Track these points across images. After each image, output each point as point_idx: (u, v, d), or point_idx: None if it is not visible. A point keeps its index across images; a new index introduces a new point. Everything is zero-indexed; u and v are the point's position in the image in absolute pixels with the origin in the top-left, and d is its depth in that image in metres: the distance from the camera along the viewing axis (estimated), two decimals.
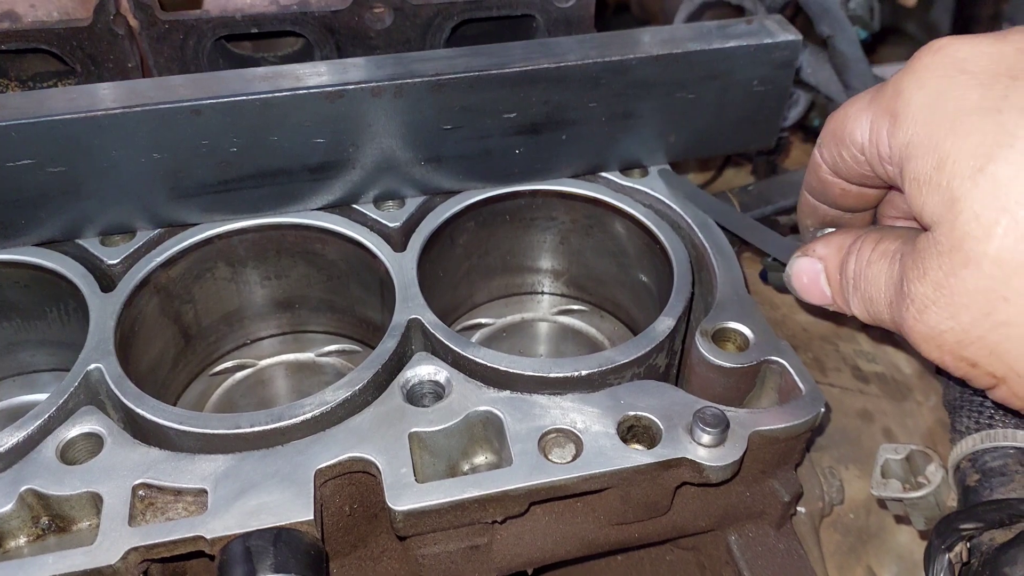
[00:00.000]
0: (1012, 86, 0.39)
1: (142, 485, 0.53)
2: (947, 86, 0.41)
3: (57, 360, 0.73)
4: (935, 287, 0.40)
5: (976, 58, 0.42)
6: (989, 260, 0.37)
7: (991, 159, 0.38)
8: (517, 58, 0.66)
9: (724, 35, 0.69)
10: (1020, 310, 0.37)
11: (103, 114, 0.60)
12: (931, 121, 0.41)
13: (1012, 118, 0.38)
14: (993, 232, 0.37)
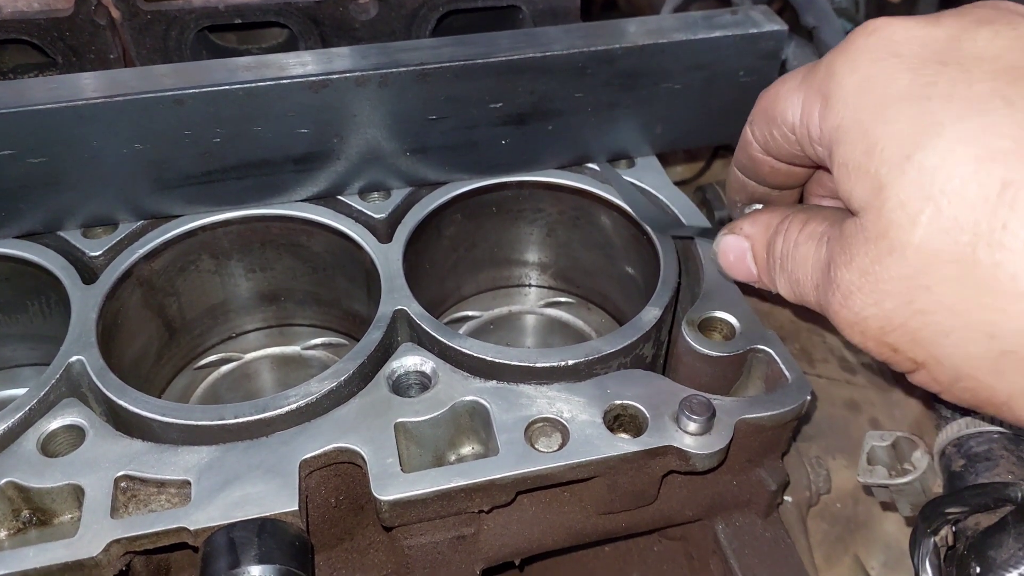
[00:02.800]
0: (941, 72, 0.39)
1: (124, 477, 0.52)
2: (878, 70, 0.41)
3: (39, 355, 0.72)
4: (861, 273, 0.40)
5: (909, 42, 0.41)
6: (913, 249, 0.37)
7: (918, 147, 0.37)
8: (503, 48, 0.66)
9: (709, 25, 0.69)
10: (940, 299, 0.37)
11: (84, 104, 0.59)
12: (861, 106, 0.41)
13: (939, 105, 0.38)
14: (918, 221, 0.37)
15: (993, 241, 0.35)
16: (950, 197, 0.36)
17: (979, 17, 0.41)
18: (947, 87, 0.38)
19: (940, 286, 0.37)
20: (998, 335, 0.36)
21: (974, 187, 0.36)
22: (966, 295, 0.36)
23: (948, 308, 0.37)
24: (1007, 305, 0.35)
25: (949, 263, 0.36)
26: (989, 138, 0.36)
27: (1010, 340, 0.36)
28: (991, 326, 0.36)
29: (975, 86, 0.38)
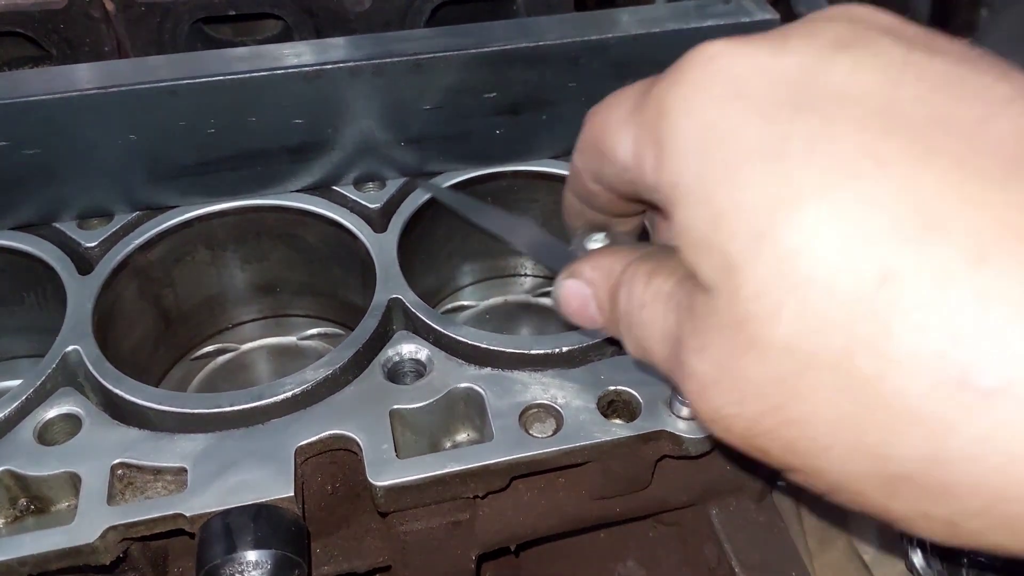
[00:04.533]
0: (796, 120, 0.31)
1: (121, 464, 0.52)
2: (719, 116, 0.33)
3: (35, 346, 0.72)
4: (717, 367, 0.33)
5: (755, 77, 0.33)
6: (777, 349, 0.30)
7: (774, 223, 0.30)
8: (496, 38, 0.66)
9: (702, 14, 0.69)
10: (815, 410, 0.30)
11: (78, 95, 0.60)
12: (702, 164, 0.33)
13: (797, 168, 0.30)
14: (780, 316, 0.30)
15: (874, 349, 0.28)
16: (817, 290, 0.29)
17: (834, 39, 0.33)
18: (806, 142, 0.30)
19: (815, 395, 0.30)
20: (890, 457, 0.29)
21: (847, 278, 0.28)
22: (848, 409, 0.29)
23: (826, 421, 0.30)
24: (898, 427, 0.28)
25: (823, 370, 0.29)
26: (862, 213, 0.29)
27: (906, 465, 0.29)
28: (881, 447, 0.29)
29: (839, 141, 0.30)
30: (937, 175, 0.28)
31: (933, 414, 0.28)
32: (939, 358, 0.27)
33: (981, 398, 0.27)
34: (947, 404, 0.27)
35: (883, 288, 0.28)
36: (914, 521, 0.30)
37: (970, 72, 0.31)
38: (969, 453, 0.27)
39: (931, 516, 0.30)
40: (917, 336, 0.27)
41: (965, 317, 0.27)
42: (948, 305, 0.27)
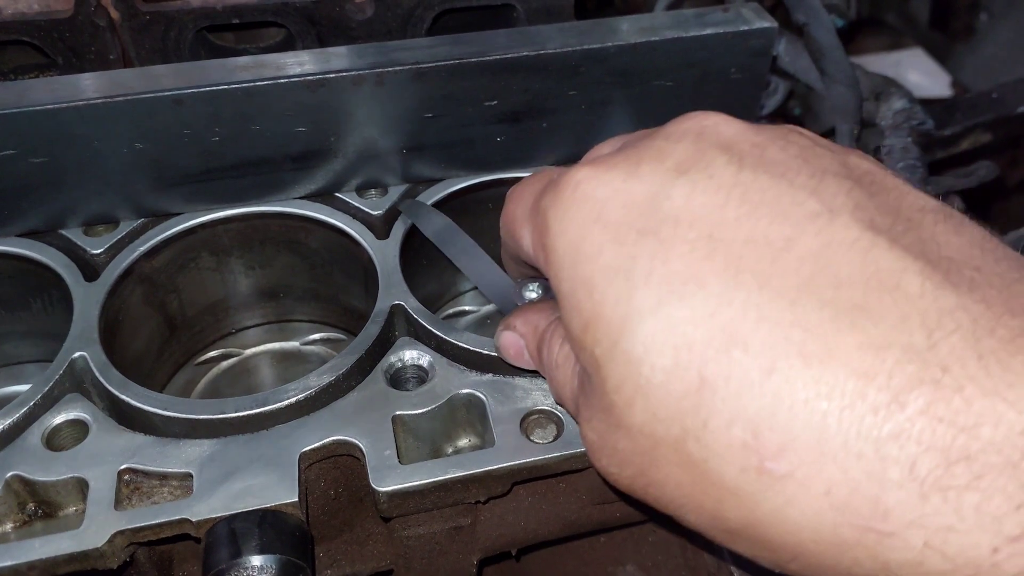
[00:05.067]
0: (640, 244, 0.37)
1: (128, 470, 0.53)
2: (582, 237, 0.39)
3: (42, 351, 0.73)
4: (599, 437, 0.40)
5: (610, 202, 0.39)
6: (635, 431, 0.37)
7: (623, 334, 0.36)
8: (498, 46, 0.67)
9: (701, 23, 0.69)
10: (668, 476, 0.37)
11: (85, 104, 0.60)
12: (574, 278, 0.39)
13: (640, 287, 0.36)
14: (633, 407, 0.37)
15: (698, 439, 0.35)
16: (656, 391, 0.35)
17: (677, 163, 0.39)
18: (646, 264, 0.36)
19: (665, 468, 0.37)
20: (722, 518, 0.36)
21: (676, 383, 0.35)
22: (690, 481, 0.36)
23: (676, 486, 0.37)
24: (722, 497, 0.35)
25: (668, 450, 0.36)
26: (686, 328, 0.35)
27: (733, 524, 0.36)
28: (714, 511, 0.36)
29: (672, 263, 0.36)
30: (744, 296, 0.34)
31: (743, 491, 0.34)
32: (743, 449, 0.33)
33: (775, 481, 0.33)
34: (752, 484, 0.34)
35: (701, 391, 0.34)
36: (756, 560, 0.37)
37: (788, 189, 0.36)
38: (772, 520, 0.34)
39: (763, 559, 0.37)
40: (726, 431, 0.34)
41: (761, 417, 0.33)
42: (748, 407, 0.33)
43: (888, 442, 0.31)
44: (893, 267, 0.33)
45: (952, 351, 0.31)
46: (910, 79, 1.32)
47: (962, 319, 0.31)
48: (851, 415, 0.31)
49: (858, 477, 0.31)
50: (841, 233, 0.34)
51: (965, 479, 0.30)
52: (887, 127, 0.75)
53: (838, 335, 0.32)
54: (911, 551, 0.31)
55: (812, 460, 0.32)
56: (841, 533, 0.32)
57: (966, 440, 0.30)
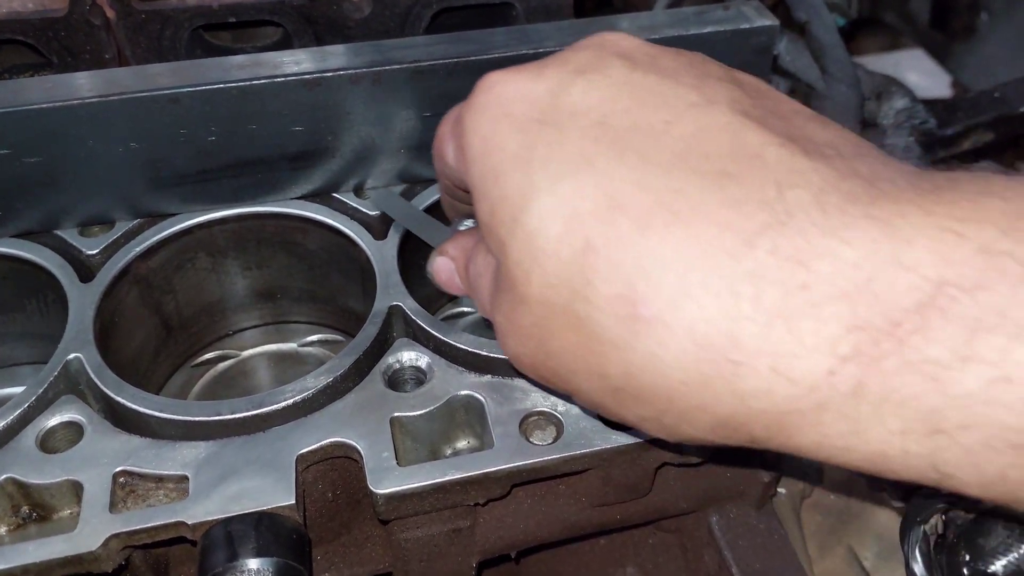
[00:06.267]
0: (540, 133, 0.41)
1: (123, 472, 0.53)
2: (492, 132, 0.43)
3: (37, 353, 0.73)
4: (505, 318, 0.43)
5: (517, 100, 0.43)
6: (533, 302, 0.40)
7: (522, 211, 0.40)
8: (497, 44, 0.66)
9: (701, 21, 0.69)
10: (562, 344, 0.40)
11: (80, 103, 0.60)
12: (483, 169, 0.43)
13: (537, 169, 0.40)
14: (531, 278, 0.40)
15: (584, 297, 0.38)
16: (549, 257, 0.39)
17: (578, 66, 0.43)
18: (544, 149, 0.40)
19: (560, 333, 0.40)
20: (607, 375, 0.39)
21: (565, 248, 0.38)
22: (578, 341, 0.39)
23: (569, 352, 0.40)
24: (605, 352, 0.38)
25: (559, 315, 0.39)
26: (575, 200, 0.38)
27: (616, 380, 0.39)
28: (600, 368, 0.39)
29: (566, 147, 0.39)
30: (626, 169, 0.38)
31: (621, 339, 0.37)
32: (619, 299, 0.37)
33: (645, 324, 0.36)
34: (627, 332, 0.37)
35: (586, 253, 0.38)
36: (641, 423, 0.40)
37: (672, 85, 0.40)
38: (646, 364, 0.37)
39: (646, 418, 0.39)
40: (606, 286, 0.37)
41: (635, 269, 0.36)
42: (623, 263, 0.37)
43: (740, 280, 0.34)
44: (756, 142, 0.37)
45: (799, 201, 0.35)
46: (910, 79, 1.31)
47: (811, 177, 0.35)
48: (710, 259, 0.35)
49: (715, 314, 0.34)
50: (716, 118, 0.38)
51: (804, 307, 0.33)
52: (889, 126, 0.74)
53: (704, 195, 0.36)
54: (760, 378, 0.34)
55: (676, 302, 0.35)
56: (703, 369, 0.35)
57: (805, 273, 0.33)
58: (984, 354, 0.31)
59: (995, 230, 0.32)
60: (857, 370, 0.33)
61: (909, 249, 0.32)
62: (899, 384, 0.32)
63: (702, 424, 0.37)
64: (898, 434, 0.33)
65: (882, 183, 0.35)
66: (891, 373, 0.32)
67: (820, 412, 0.34)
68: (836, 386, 0.33)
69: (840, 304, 0.33)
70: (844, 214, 0.34)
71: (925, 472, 0.34)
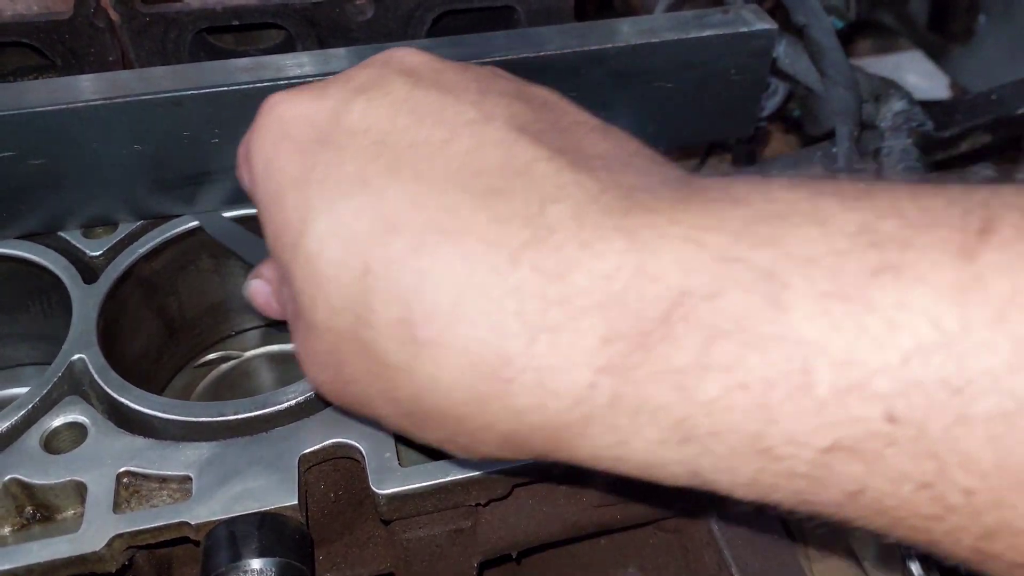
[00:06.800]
0: (320, 154, 0.40)
1: (126, 473, 0.53)
2: (273, 154, 0.42)
3: (40, 354, 0.73)
4: (302, 346, 0.42)
5: (298, 121, 0.42)
6: (322, 329, 0.39)
7: (301, 234, 0.39)
8: (497, 48, 0.67)
9: (701, 24, 0.69)
10: (354, 371, 0.39)
11: (84, 106, 0.60)
12: (265, 192, 0.42)
13: (316, 191, 0.39)
14: (316, 304, 0.39)
15: (367, 322, 0.37)
16: (331, 282, 0.38)
17: (360, 85, 0.42)
18: (323, 170, 0.39)
19: (351, 360, 0.39)
20: (398, 400, 0.38)
21: (345, 272, 0.37)
22: (368, 368, 0.38)
23: (362, 379, 0.39)
24: (393, 376, 0.37)
25: (348, 341, 0.38)
26: (353, 222, 0.37)
27: (406, 403, 0.38)
28: (391, 393, 0.38)
29: (344, 167, 0.39)
30: (401, 189, 0.37)
31: (405, 364, 0.37)
32: (399, 323, 0.36)
33: (424, 348, 0.36)
34: (409, 355, 0.36)
35: (365, 277, 0.37)
36: (442, 445, 0.40)
37: (453, 101, 0.40)
38: (430, 387, 0.36)
39: (443, 440, 0.39)
40: (385, 310, 0.36)
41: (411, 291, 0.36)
42: (400, 285, 0.36)
43: (506, 297, 0.34)
44: (527, 157, 0.37)
45: (559, 216, 0.35)
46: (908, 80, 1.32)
47: (573, 191, 0.35)
48: (479, 278, 0.35)
49: (485, 333, 0.34)
50: (491, 134, 0.38)
51: (564, 321, 0.33)
52: (887, 129, 0.75)
53: (474, 213, 0.36)
54: (530, 394, 0.34)
55: (451, 323, 0.35)
56: (479, 388, 0.35)
57: (563, 287, 0.33)
58: (721, 361, 0.31)
59: (731, 236, 0.32)
60: (613, 381, 0.33)
61: (655, 259, 0.32)
62: (650, 394, 0.32)
63: (491, 442, 0.37)
64: (656, 443, 0.33)
65: (640, 194, 0.35)
66: (642, 383, 0.32)
67: (587, 425, 0.34)
68: (596, 398, 0.33)
69: (596, 316, 0.33)
70: (599, 227, 0.34)
71: (690, 479, 0.35)
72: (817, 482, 0.31)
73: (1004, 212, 0.29)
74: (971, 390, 0.28)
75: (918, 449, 0.29)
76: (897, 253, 0.29)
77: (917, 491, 0.30)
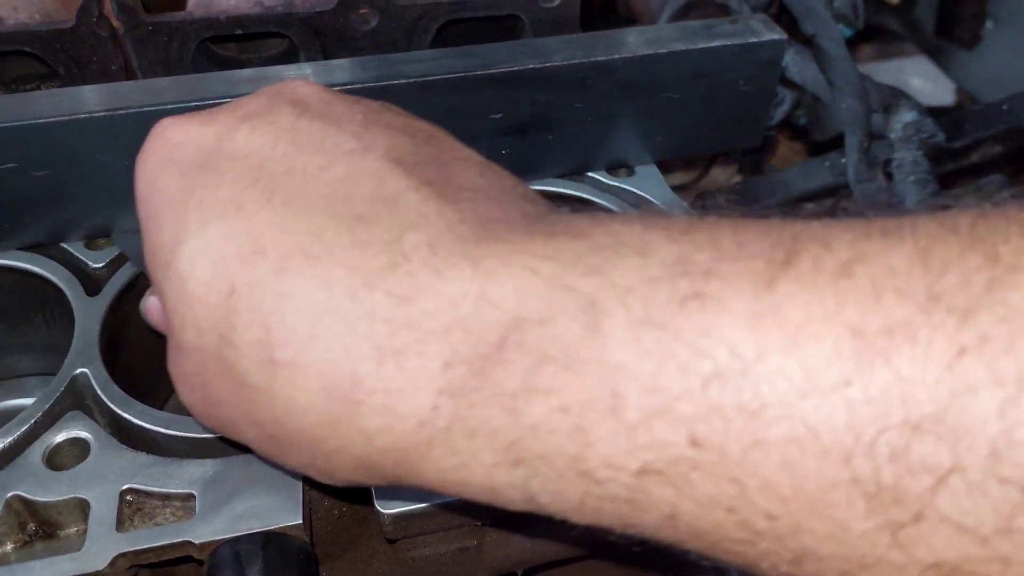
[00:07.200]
0: (199, 177, 0.41)
1: (129, 490, 0.53)
2: (156, 176, 0.43)
3: (42, 364, 0.73)
4: (172, 366, 0.42)
5: (184, 145, 0.43)
6: (189, 349, 0.40)
7: (173, 255, 0.39)
8: (503, 59, 0.66)
9: (709, 35, 0.69)
10: (219, 393, 0.39)
11: (87, 117, 0.60)
12: (145, 212, 0.43)
13: (191, 213, 0.40)
14: (184, 324, 0.39)
15: (230, 343, 0.38)
16: (199, 302, 0.38)
17: (247, 112, 0.43)
18: (201, 193, 0.40)
19: (216, 381, 0.39)
20: (260, 423, 0.39)
21: (213, 293, 0.38)
22: (232, 389, 0.38)
23: (227, 400, 0.39)
24: (254, 398, 0.38)
25: (214, 361, 0.39)
26: (223, 244, 0.38)
27: (269, 427, 0.38)
28: (253, 415, 0.38)
29: (221, 191, 0.39)
30: (271, 213, 0.38)
31: (263, 385, 0.37)
32: (259, 344, 0.37)
33: (282, 369, 0.36)
34: (268, 377, 0.37)
35: (230, 298, 0.37)
36: (305, 470, 0.40)
37: (334, 132, 0.41)
38: (287, 409, 0.37)
39: (304, 464, 0.39)
40: (247, 332, 0.37)
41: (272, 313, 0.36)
42: (262, 307, 0.37)
43: (359, 320, 0.35)
44: (397, 187, 0.38)
45: (416, 243, 0.36)
46: (914, 84, 1.31)
47: (434, 220, 0.36)
48: (336, 301, 0.35)
49: (338, 355, 0.35)
50: (367, 164, 0.39)
51: (411, 344, 0.34)
52: (897, 140, 0.74)
53: (338, 238, 0.36)
54: (378, 416, 0.35)
55: (306, 345, 0.35)
56: (333, 410, 0.35)
57: (412, 311, 0.34)
58: (546, 385, 0.32)
59: (564, 266, 0.33)
60: (453, 404, 0.34)
61: (496, 286, 0.33)
62: (485, 417, 0.33)
63: (347, 466, 0.38)
64: (492, 467, 0.34)
65: (496, 225, 0.36)
66: (479, 406, 0.33)
67: (430, 447, 0.35)
68: (437, 421, 0.34)
69: (441, 340, 0.34)
70: (451, 254, 0.35)
71: (526, 504, 0.36)
72: (636, 506, 0.32)
73: (808, 244, 0.30)
74: (766, 415, 0.28)
75: (721, 473, 0.30)
76: (704, 282, 0.31)
77: (726, 515, 0.30)
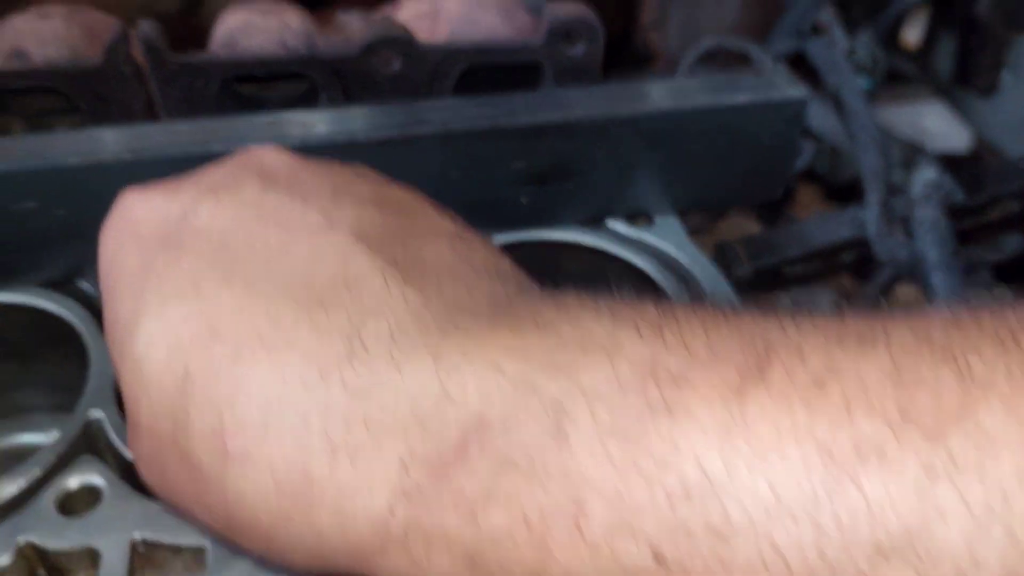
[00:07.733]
0: (159, 254, 0.40)
1: (141, 541, 0.52)
2: (117, 251, 0.43)
3: (55, 401, 0.72)
4: (130, 444, 0.42)
5: (147, 220, 0.42)
6: (144, 430, 0.39)
7: (130, 334, 0.38)
8: (523, 110, 0.66)
9: (733, 89, 0.69)
10: (175, 476, 0.38)
11: (112, 160, 0.60)
12: (105, 288, 0.43)
13: (151, 290, 0.38)
14: (140, 406, 0.38)
15: (184, 429, 0.36)
16: (154, 386, 0.37)
17: (212, 184, 0.42)
18: (160, 270, 0.39)
19: (171, 465, 0.38)
20: (212, 510, 0.37)
21: (168, 377, 0.37)
22: (186, 475, 0.37)
23: (182, 485, 0.38)
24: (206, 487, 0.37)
25: (168, 446, 0.38)
26: (179, 326, 0.37)
27: (221, 517, 0.37)
28: (206, 503, 0.37)
29: (180, 269, 0.38)
30: (230, 295, 0.37)
31: (216, 475, 0.36)
32: (212, 433, 0.35)
33: (234, 461, 0.35)
34: (220, 468, 0.35)
35: (185, 383, 0.36)
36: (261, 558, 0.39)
37: (300, 206, 0.39)
38: (238, 502, 0.35)
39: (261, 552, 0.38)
40: (201, 419, 0.36)
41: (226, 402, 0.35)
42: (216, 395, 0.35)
43: (313, 413, 0.33)
44: (361, 269, 0.37)
45: (377, 332, 0.34)
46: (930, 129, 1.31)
47: (397, 306, 0.35)
48: (290, 392, 0.34)
49: (291, 450, 0.33)
50: (330, 242, 0.38)
51: (366, 442, 0.33)
52: (917, 198, 0.74)
53: (296, 324, 0.35)
54: (330, 516, 0.33)
55: (260, 439, 0.34)
56: (284, 506, 0.34)
57: (365, 404, 0.33)
58: (508, 491, 0.31)
59: (530, 364, 0.32)
60: (408, 508, 0.32)
61: (459, 383, 0.32)
62: (443, 524, 0.32)
63: (300, 561, 0.37)
64: (447, 571, 0.32)
65: (461, 314, 0.35)
66: (436, 512, 0.32)
67: (384, 552, 0.33)
68: (391, 526, 0.33)
69: (397, 438, 0.32)
70: (413, 347, 0.34)
71: None
72: None
73: (779, 349, 0.29)
74: (734, 537, 0.27)
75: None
76: (674, 390, 0.29)
77: None
